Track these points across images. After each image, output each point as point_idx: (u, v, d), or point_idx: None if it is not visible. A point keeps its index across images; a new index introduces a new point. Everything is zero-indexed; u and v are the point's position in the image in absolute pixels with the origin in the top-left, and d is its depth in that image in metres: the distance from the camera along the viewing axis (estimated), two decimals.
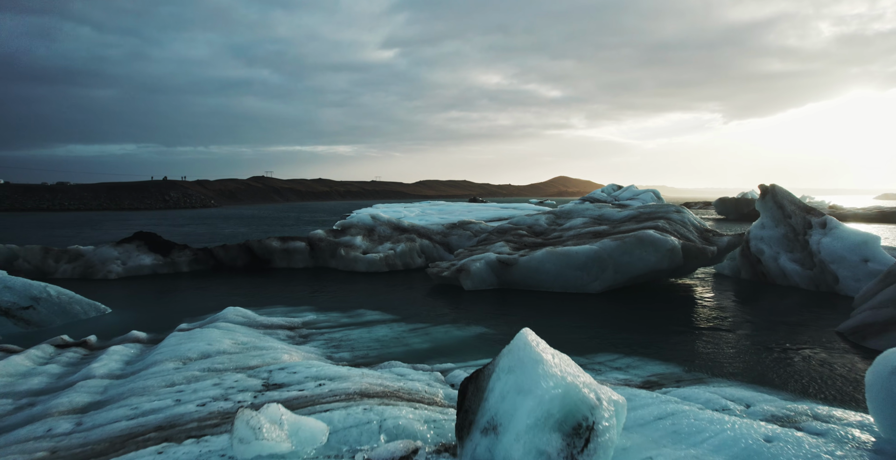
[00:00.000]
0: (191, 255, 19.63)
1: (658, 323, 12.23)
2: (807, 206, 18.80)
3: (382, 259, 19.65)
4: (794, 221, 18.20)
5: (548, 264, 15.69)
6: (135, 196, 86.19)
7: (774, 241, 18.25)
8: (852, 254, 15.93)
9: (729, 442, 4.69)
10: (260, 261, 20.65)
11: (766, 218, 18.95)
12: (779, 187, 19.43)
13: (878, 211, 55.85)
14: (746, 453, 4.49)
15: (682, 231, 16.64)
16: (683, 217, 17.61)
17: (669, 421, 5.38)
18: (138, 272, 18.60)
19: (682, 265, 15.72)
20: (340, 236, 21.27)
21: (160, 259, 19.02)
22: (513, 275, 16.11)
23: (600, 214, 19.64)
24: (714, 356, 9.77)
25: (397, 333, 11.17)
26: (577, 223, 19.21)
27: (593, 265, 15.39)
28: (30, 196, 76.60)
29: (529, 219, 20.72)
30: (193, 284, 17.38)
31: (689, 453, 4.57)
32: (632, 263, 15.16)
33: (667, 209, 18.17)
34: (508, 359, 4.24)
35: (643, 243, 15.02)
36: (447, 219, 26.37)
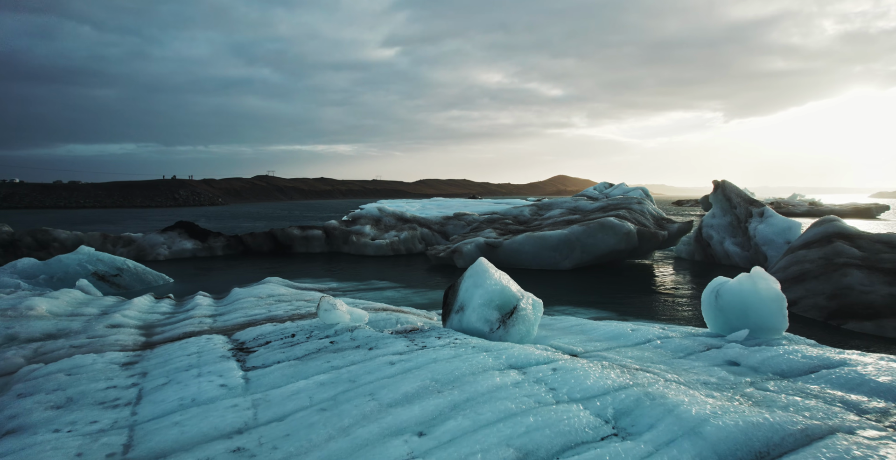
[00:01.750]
0: (224, 241, 22.89)
1: (613, 290, 15.45)
2: (750, 199, 22.01)
3: (388, 244, 22.89)
4: (739, 211, 21.41)
5: (527, 246, 18.93)
6: (146, 194, 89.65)
7: (721, 228, 21.47)
8: (778, 238, 19.15)
9: (608, 332, 7.92)
10: (282, 247, 23.90)
11: (717, 208, 22.16)
12: (728, 182, 22.63)
13: (853, 207, 59.11)
14: (616, 333, 7.73)
15: (640, 218, 19.87)
16: (643, 207, 20.85)
17: (578, 327, 8.64)
18: (181, 255, 21.86)
19: (638, 246, 18.94)
20: (352, 226, 24.53)
21: (199, 244, 22.28)
22: (498, 256, 19.33)
23: (575, 206, 22.87)
24: (645, 308, 13.00)
25: (403, 295, 14.40)
26: (555, 214, 22.45)
27: (564, 246, 18.62)
28: (48, 194, 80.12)
29: (515, 211, 23.96)
30: (228, 265, 20.61)
31: (580, 337, 7.82)
32: (596, 245, 18.39)
33: (629, 201, 21.41)
34: (470, 272, 7.48)
35: (604, 228, 18.25)
36: (445, 213, 29.60)
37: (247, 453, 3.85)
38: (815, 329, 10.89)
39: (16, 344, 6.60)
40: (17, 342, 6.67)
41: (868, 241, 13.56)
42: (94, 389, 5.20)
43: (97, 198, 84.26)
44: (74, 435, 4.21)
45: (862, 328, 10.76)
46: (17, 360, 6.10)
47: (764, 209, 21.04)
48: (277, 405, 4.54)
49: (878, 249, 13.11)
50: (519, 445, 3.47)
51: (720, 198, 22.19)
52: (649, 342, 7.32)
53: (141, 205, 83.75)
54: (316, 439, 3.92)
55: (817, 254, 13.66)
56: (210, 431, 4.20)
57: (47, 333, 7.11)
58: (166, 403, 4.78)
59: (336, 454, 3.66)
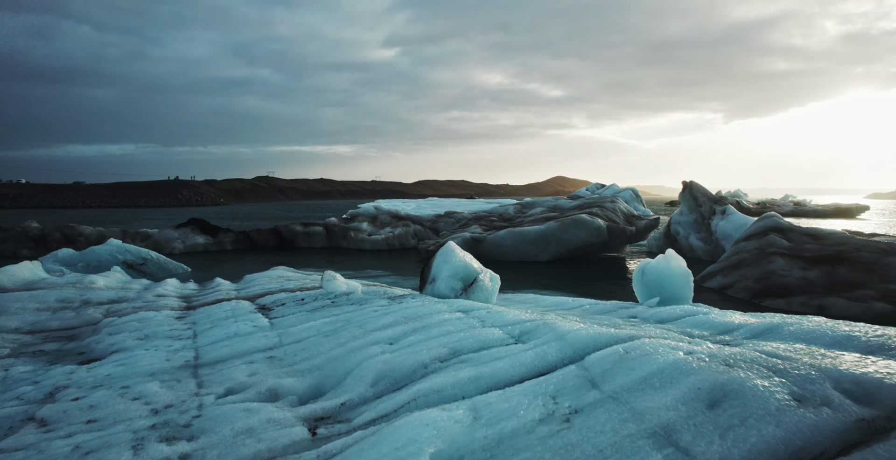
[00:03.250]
0: (233, 237, 24.95)
1: (584, 278, 17.50)
2: (715, 197, 24.08)
3: (384, 240, 24.95)
4: (703, 209, 23.47)
5: (508, 240, 20.98)
6: (150, 194, 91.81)
7: (687, 224, 23.53)
8: (736, 233, 21.20)
9: (553, 302, 9.95)
10: (286, 242, 25.96)
11: (684, 206, 24.23)
12: (695, 183, 24.69)
13: (835, 207, 61.23)
14: (558, 303, 9.76)
15: (611, 215, 21.95)
16: (615, 206, 22.93)
17: (532, 300, 10.67)
18: (194, 249, 23.91)
19: (609, 241, 21.00)
20: (350, 223, 26.60)
21: (210, 239, 24.34)
22: (482, 249, 21.38)
23: (555, 205, 24.94)
24: (608, 292, 15.03)
25: (394, 280, 16.44)
26: (537, 211, 24.52)
27: (541, 240, 20.67)
28: (54, 194, 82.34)
29: (501, 209, 26.04)
30: (237, 257, 22.67)
31: (530, 305, 9.85)
32: (569, 239, 20.44)
33: (603, 200, 23.49)
34: (441, 252, 9.53)
35: (577, 224, 20.31)
36: (438, 211, 31.68)
37: (276, 358, 5.92)
38: (740, 305, 12.91)
39: (91, 305, 8.63)
40: (91, 304, 8.70)
41: (797, 234, 15.60)
42: (161, 330, 7.25)
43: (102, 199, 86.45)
44: (160, 352, 6.26)
45: (775, 304, 12.80)
46: (96, 316, 8.14)
47: (726, 207, 23.10)
48: (295, 335, 6.61)
49: (803, 241, 15.15)
50: (451, 347, 5.52)
51: (687, 197, 24.25)
52: (581, 307, 9.37)
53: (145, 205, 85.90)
54: (321, 350, 5.99)
55: (754, 245, 15.71)
56: (250, 349, 6.26)
57: (111, 299, 9.13)
58: (216, 336, 6.84)
59: (335, 356, 5.73)
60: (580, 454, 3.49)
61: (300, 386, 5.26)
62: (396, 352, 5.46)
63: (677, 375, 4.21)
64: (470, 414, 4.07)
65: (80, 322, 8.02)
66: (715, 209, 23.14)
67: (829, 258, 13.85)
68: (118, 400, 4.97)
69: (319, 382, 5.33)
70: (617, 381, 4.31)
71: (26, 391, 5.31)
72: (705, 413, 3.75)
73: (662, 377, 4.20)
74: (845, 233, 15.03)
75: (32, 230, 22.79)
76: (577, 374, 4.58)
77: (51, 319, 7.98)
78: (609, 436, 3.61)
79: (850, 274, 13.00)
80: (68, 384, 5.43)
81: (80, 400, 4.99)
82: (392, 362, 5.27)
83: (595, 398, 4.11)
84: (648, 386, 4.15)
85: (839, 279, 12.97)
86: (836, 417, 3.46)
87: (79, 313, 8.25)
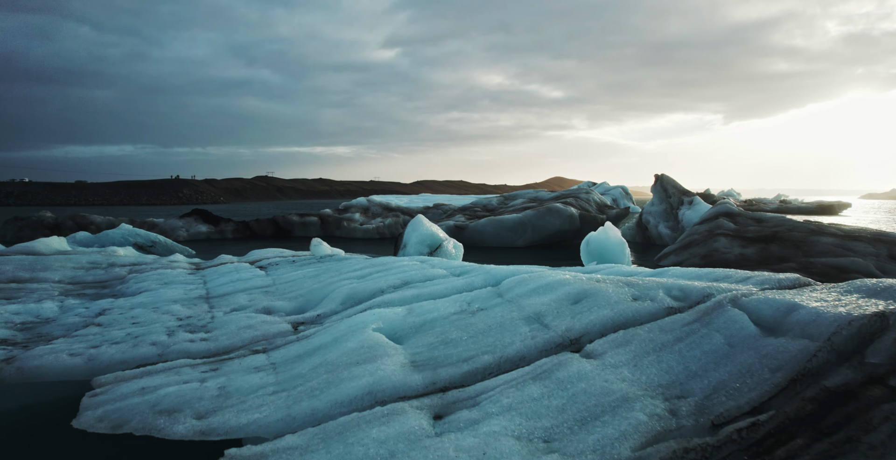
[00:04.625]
0: (233, 226, 26.66)
1: (556, 260, 19.16)
2: (684, 189, 25.79)
3: (375, 229, 26.67)
4: (673, 200, 25.19)
5: (488, 227, 22.69)
6: (151, 193, 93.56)
7: (658, 214, 25.25)
8: None
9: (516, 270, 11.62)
10: (283, 232, 27.66)
11: (655, 198, 25.95)
12: (666, 176, 26.41)
13: (818, 204, 63.03)
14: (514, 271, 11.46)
15: (585, 205, 23.68)
16: (589, 197, 24.67)
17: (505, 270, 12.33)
18: (197, 237, 25.61)
19: (581, 228, 22.71)
20: (344, 213, 28.32)
21: (212, 228, 26.03)
22: (464, 236, 23.08)
23: (535, 196, 26.66)
24: None
25: None
26: (517, 203, 26.25)
27: (519, 228, 22.38)
28: (58, 192, 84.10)
29: (485, 200, 27.76)
30: (238, 244, 24.35)
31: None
32: (544, 226, 22.16)
33: (578, 192, 25.23)
34: (411, 222, 11.26)
35: (551, 212, 22.02)
36: (427, 204, 33.41)
37: (270, 292, 7.64)
38: None
39: (116, 266, 10.32)
40: (116, 266, 10.38)
41: (743, 218, 17.30)
42: (178, 279, 8.95)
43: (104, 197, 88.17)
44: (178, 289, 7.96)
45: None
46: (122, 273, 9.82)
47: (693, 198, 24.81)
48: (285, 278, 8.32)
49: (748, 223, 16.85)
50: (404, 279, 7.23)
51: (658, 189, 25.97)
52: None
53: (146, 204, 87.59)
54: (305, 285, 7.70)
55: (705, 227, 17.42)
56: (250, 287, 7.97)
57: (132, 263, 10.82)
58: (222, 281, 8.55)
59: (316, 288, 7.44)
60: (474, 329, 5.27)
61: (288, 306, 6.99)
62: (362, 283, 7.18)
63: (557, 286, 6.00)
64: (406, 311, 5.84)
65: (109, 277, 9.71)
66: (683, 200, 24.85)
67: (765, 237, 15.56)
68: (151, 313, 6.69)
69: (303, 304, 7.06)
70: (515, 292, 6.09)
71: (81, 312, 7.02)
72: (568, 306, 5.55)
73: (547, 287, 6.00)
74: (784, 217, 16.71)
75: (47, 219, 24.48)
76: (490, 291, 6.36)
77: (85, 275, 9.67)
78: (498, 319, 5.39)
79: (781, 250, 14.69)
80: (111, 308, 7.14)
81: (124, 314, 6.70)
82: (357, 288, 7.00)
83: (497, 302, 5.89)
84: (535, 293, 5.94)
85: (770, 254, 14.66)
86: (654, 306, 5.25)
87: (107, 271, 9.94)
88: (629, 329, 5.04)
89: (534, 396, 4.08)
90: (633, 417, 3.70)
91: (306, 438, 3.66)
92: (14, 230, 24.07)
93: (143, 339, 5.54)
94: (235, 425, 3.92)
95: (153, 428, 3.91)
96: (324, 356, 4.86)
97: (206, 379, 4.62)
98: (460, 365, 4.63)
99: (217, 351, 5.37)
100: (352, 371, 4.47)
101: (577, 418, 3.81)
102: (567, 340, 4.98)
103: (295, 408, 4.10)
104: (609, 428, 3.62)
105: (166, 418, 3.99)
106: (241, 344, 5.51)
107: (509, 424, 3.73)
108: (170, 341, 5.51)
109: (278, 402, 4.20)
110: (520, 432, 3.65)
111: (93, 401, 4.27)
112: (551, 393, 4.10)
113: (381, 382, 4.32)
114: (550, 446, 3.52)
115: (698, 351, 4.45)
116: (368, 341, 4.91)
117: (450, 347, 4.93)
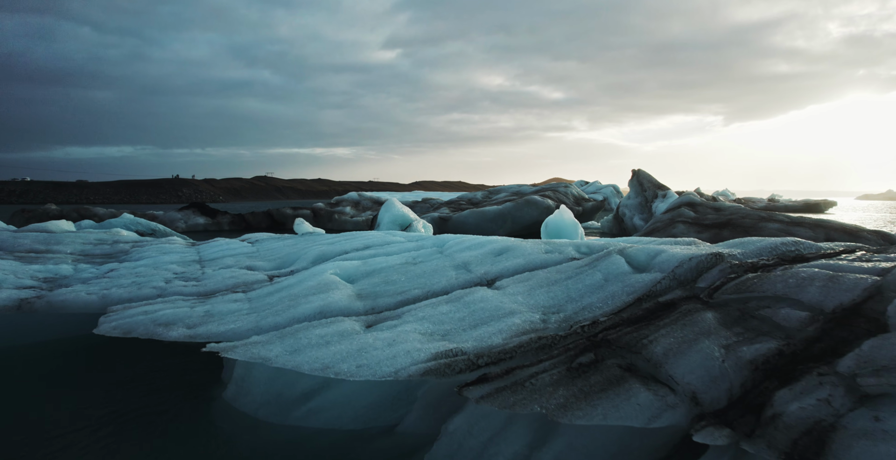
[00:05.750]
0: (230, 218, 27.92)
1: None
2: (658, 184, 27.05)
3: (364, 221, 27.92)
4: (648, 194, 26.45)
5: (470, 218, 23.95)
6: (151, 192, 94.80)
7: (633, 207, 26.51)
8: None
9: None
10: (277, 224, 28.91)
11: (632, 192, 27.20)
12: (642, 171, 27.68)
13: (804, 202, 64.33)
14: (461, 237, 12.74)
15: (562, 198, 24.96)
16: (567, 190, 25.95)
17: None
18: (195, 228, 26.87)
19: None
20: (335, 207, 29.60)
21: (209, 220, 27.30)
22: (448, 227, 24.34)
23: (518, 190, 27.93)
24: None
25: None
26: (500, 196, 27.51)
27: (499, 219, 23.64)
28: (59, 191, 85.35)
29: (470, 195, 29.02)
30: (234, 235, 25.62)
31: None
32: (523, 217, 23.42)
33: (557, 186, 26.51)
34: (384, 204, 12.53)
35: (529, 204, 23.29)
36: (418, 199, 34.70)
37: (254, 256, 8.90)
38: None
39: (120, 243, 11.58)
40: (120, 242, 11.64)
41: (704, 207, 18.57)
42: (175, 250, 10.21)
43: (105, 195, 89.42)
44: (175, 256, 9.22)
45: None
46: (126, 247, 11.08)
47: (667, 192, 26.07)
48: (268, 247, 9.58)
49: (707, 212, 18.12)
50: (366, 243, 8.48)
51: (635, 183, 27.23)
52: None
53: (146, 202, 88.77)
54: (285, 251, 8.96)
55: (668, 216, 18.68)
56: (236, 253, 9.23)
57: (134, 240, 12.08)
58: (213, 251, 9.80)
59: (293, 252, 8.70)
60: (412, 273, 6.54)
61: (267, 266, 8.26)
62: (330, 246, 8.44)
63: (486, 244, 7.31)
64: (361, 262, 7.12)
65: (115, 251, 10.97)
66: (657, 193, 26.11)
67: (720, 224, 16.82)
68: (152, 271, 7.95)
69: (280, 264, 8.33)
70: (452, 249, 7.38)
71: (93, 271, 8.28)
72: (491, 257, 6.85)
73: (478, 245, 7.29)
74: (740, 206, 17.93)
75: (52, 211, 25.74)
76: (434, 250, 7.65)
77: (93, 249, 10.93)
78: (432, 267, 6.66)
79: (731, 235, 15.93)
80: (118, 268, 8.40)
81: (129, 271, 7.97)
82: (326, 250, 8.27)
83: (437, 257, 7.18)
84: (468, 249, 7.23)
85: (722, 239, 15.91)
86: (560, 256, 6.54)
87: (113, 246, 11.20)
88: (534, 271, 6.34)
89: (443, 312, 5.37)
90: (511, 322, 5.01)
91: (267, 337, 4.94)
92: (21, 222, 25.33)
93: (145, 285, 6.81)
94: (216, 332, 5.19)
95: (153, 334, 5.18)
96: (289, 291, 6.13)
97: (195, 306, 5.89)
98: (395, 296, 5.92)
99: (205, 292, 6.65)
100: (308, 299, 5.75)
101: (471, 324, 5.11)
102: (484, 280, 6.28)
103: (262, 322, 5.37)
104: (490, 328, 4.92)
105: (164, 328, 5.26)
106: (225, 288, 6.79)
107: (419, 326, 5.02)
108: (167, 286, 6.78)
109: (249, 319, 5.47)
110: (425, 330, 4.94)
111: (108, 318, 5.54)
112: (457, 310, 5.40)
113: (329, 306, 5.60)
114: (444, 337, 4.82)
115: (581, 285, 5.77)
116: (325, 280, 6.19)
117: (390, 285, 6.21)
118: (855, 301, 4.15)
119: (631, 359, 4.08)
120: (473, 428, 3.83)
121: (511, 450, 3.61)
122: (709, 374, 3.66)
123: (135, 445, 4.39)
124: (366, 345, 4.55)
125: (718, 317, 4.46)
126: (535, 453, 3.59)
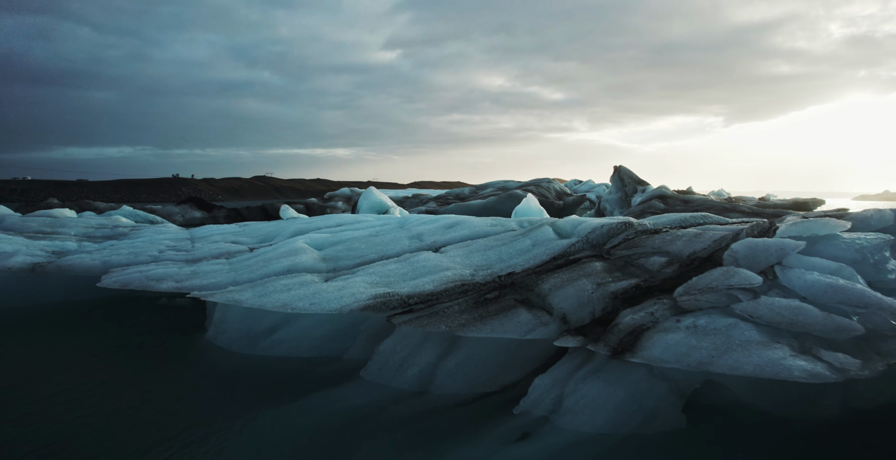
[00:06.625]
0: (226, 212, 28.92)
1: None
2: (639, 179, 28.05)
3: None
4: (628, 189, 27.46)
5: (455, 212, 24.94)
6: (151, 191, 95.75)
7: (614, 201, 27.52)
8: None
9: None
10: (271, 218, 29.89)
11: (613, 187, 28.21)
12: (624, 167, 28.69)
13: (793, 201, 65.44)
14: None
15: (544, 192, 25.97)
16: (550, 185, 26.96)
17: None
18: (192, 222, 27.85)
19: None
20: (328, 202, 30.58)
21: (206, 214, 28.28)
22: None
23: (503, 186, 28.93)
24: None
25: None
26: (487, 191, 28.52)
27: (483, 212, 24.63)
28: (60, 190, 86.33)
29: (458, 190, 30.02)
30: None
31: None
32: (506, 210, 24.39)
33: (541, 181, 27.53)
34: (363, 192, 13.54)
35: (511, 197, 24.29)
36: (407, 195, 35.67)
37: (241, 234, 9.90)
38: None
39: (120, 227, 12.59)
40: (120, 227, 12.65)
41: (674, 200, 19.58)
42: (170, 231, 11.21)
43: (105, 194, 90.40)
44: (169, 235, 10.22)
45: None
46: (125, 231, 12.10)
47: (646, 187, 27.07)
48: (254, 227, 10.59)
49: (677, 204, 19.13)
50: (339, 222, 9.48)
51: (616, 179, 28.25)
52: None
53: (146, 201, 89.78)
54: (268, 230, 9.97)
55: (639, 208, 19.69)
56: (225, 232, 10.23)
57: (132, 226, 13.10)
58: (205, 231, 10.80)
59: (273, 230, 9.70)
60: (372, 242, 7.54)
61: (251, 241, 9.26)
62: (307, 225, 9.45)
63: (441, 219, 8.32)
64: (329, 235, 8.12)
65: (114, 233, 11.98)
66: (637, 188, 27.12)
67: None
68: (148, 244, 8.96)
69: (262, 239, 9.33)
70: (412, 224, 8.40)
71: (95, 247, 9.28)
72: (443, 230, 7.86)
73: (434, 220, 8.30)
74: (707, 198, 18.95)
75: (54, 205, 26.74)
76: (396, 225, 8.66)
77: (95, 232, 11.94)
78: (390, 238, 7.67)
79: None
80: (116, 244, 9.40)
81: (126, 244, 8.98)
82: (303, 227, 9.27)
83: (397, 230, 8.18)
84: (424, 223, 8.25)
85: None
86: (502, 229, 7.54)
87: (113, 230, 12.21)
88: (476, 240, 7.35)
89: (391, 269, 6.39)
90: (444, 275, 6.02)
91: (240, 287, 5.95)
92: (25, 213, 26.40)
93: (141, 254, 7.83)
94: (199, 284, 6.21)
95: (147, 286, 6.19)
96: (263, 256, 7.14)
97: (183, 268, 6.91)
98: (354, 259, 6.92)
99: (193, 259, 7.66)
100: (279, 260, 6.76)
101: (411, 277, 6.12)
102: (433, 247, 7.28)
103: (238, 278, 6.39)
104: (425, 279, 5.92)
105: (156, 282, 6.28)
106: (211, 256, 7.80)
107: (367, 278, 6.03)
108: (160, 255, 7.80)
109: (228, 276, 6.48)
110: (371, 281, 5.96)
111: (109, 275, 6.56)
112: (402, 267, 6.42)
113: (296, 265, 6.61)
114: (386, 286, 5.82)
115: (512, 249, 6.79)
116: (295, 247, 7.20)
117: (351, 251, 7.22)
118: (707, 250, 5.17)
119: (526, 295, 5.10)
120: (397, 346, 4.85)
121: (424, 361, 4.62)
122: (579, 302, 4.68)
123: (134, 372, 5.40)
124: (320, 290, 5.56)
125: (606, 265, 5.48)
126: (441, 362, 4.60)
